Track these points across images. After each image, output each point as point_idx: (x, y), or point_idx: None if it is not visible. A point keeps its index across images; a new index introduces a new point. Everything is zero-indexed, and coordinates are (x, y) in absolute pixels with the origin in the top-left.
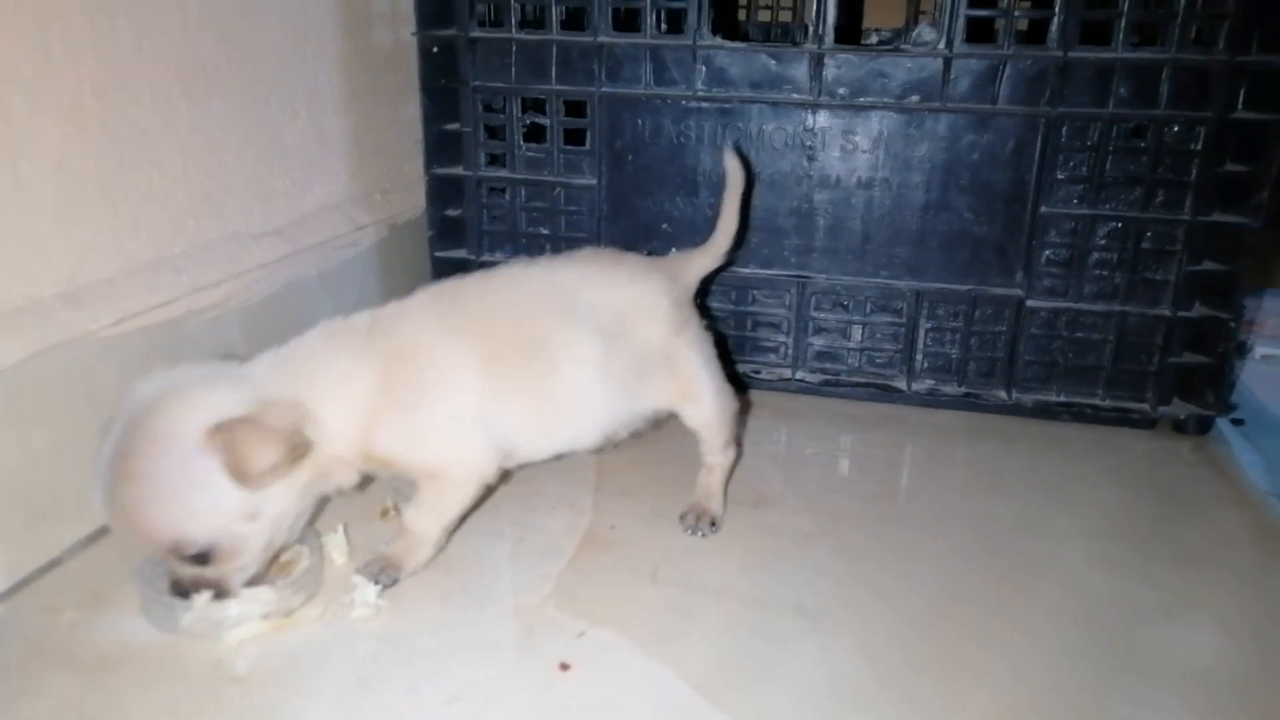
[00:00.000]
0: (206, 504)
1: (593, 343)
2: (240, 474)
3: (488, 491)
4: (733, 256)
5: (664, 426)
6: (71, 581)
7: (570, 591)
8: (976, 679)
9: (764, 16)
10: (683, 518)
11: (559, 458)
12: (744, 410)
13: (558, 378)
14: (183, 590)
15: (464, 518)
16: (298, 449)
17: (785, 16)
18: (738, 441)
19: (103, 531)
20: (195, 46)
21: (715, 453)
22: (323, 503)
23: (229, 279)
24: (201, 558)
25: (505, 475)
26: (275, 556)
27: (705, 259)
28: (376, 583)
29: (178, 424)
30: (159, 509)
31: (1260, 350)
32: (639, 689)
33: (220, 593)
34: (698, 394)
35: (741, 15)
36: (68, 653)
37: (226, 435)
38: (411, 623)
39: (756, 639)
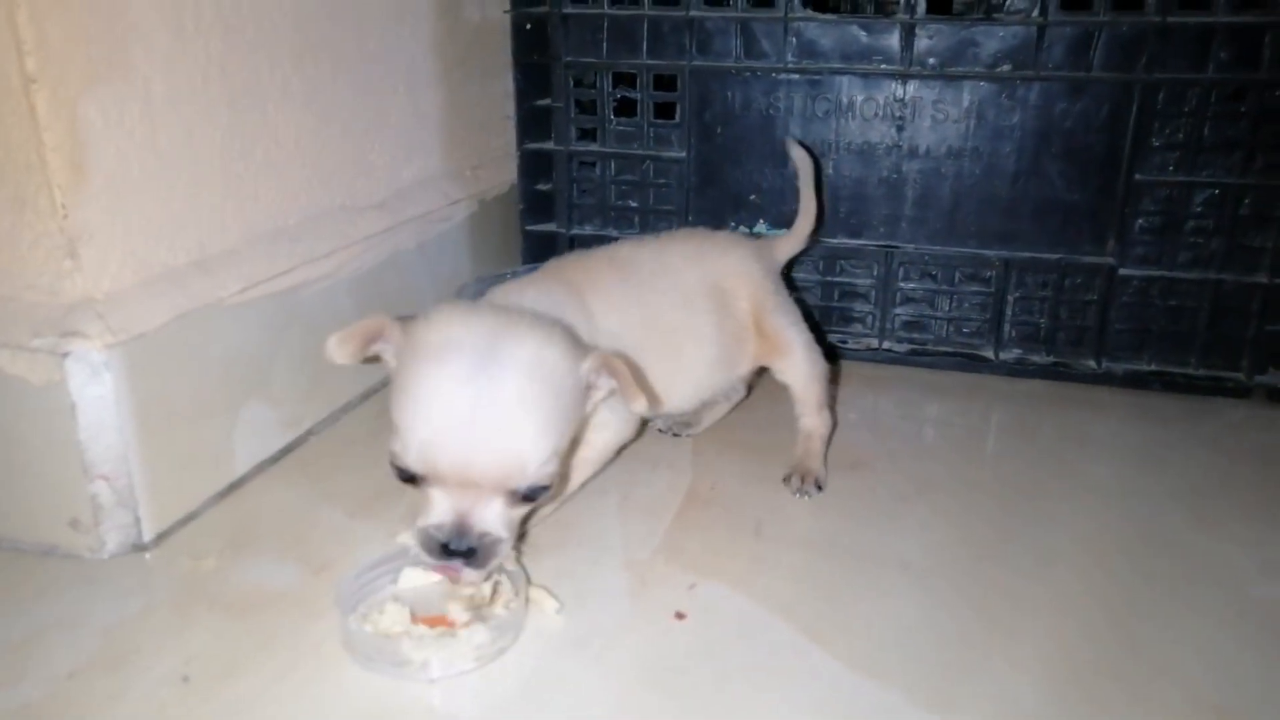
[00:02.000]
0: (570, 431)
1: (706, 322)
2: (634, 398)
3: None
4: (815, 239)
5: (755, 394)
6: (210, 532)
7: (678, 546)
8: (1080, 635)
9: None
10: (787, 480)
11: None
12: (834, 379)
13: (679, 352)
14: (474, 544)
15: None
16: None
17: None
18: (832, 410)
19: (234, 487)
20: (307, 25)
21: (811, 414)
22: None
23: (339, 249)
24: (532, 494)
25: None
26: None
27: (790, 243)
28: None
29: (566, 353)
30: (552, 432)
31: None
32: (752, 635)
33: (504, 540)
34: (788, 349)
35: None
36: (214, 595)
37: (616, 365)
38: (533, 572)
39: (861, 590)
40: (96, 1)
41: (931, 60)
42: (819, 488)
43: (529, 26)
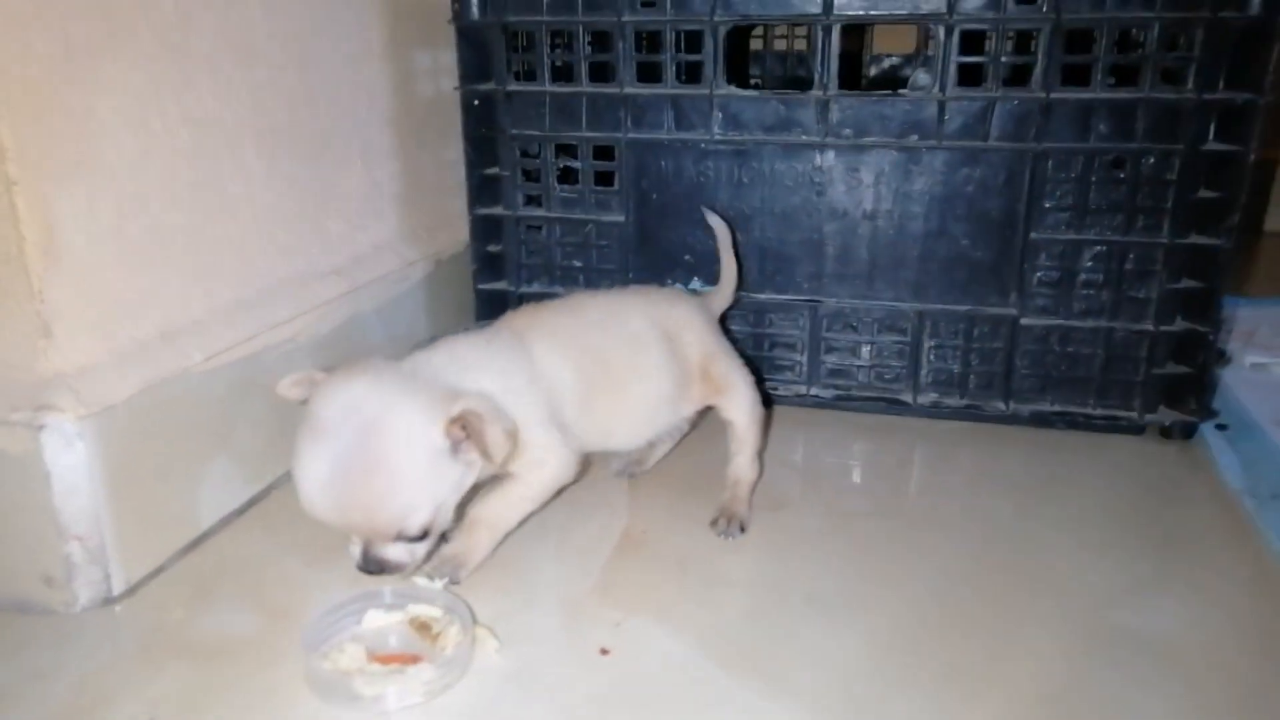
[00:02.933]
0: (440, 486)
1: (653, 363)
2: (488, 453)
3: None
4: (738, 296)
5: (691, 440)
6: (177, 583)
7: (609, 585)
8: (967, 654)
9: (756, 45)
10: (714, 523)
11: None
12: (765, 426)
13: (626, 392)
14: (379, 569)
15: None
16: (512, 433)
17: (780, 46)
18: (760, 457)
19: (199, 541)
20: (266, 110)
21: (744, 455)
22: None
23: (298, 315)
24: (419, 535)
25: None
26: (427, 626)
27: (720, 299)
28: (441, 580)
29: (418, 419)
30: (405, 496)
31: (1250, 359)
32: (671, 667)
33: (406, 564)
34: (734, 389)
35: (758, 44)
36: (180, 643)
37: (472, 423)
38: (476, 611)
39: (772, 624)
40: (70, 108)
41: (846, 131)
42: (742, 530)
43: (477, 102)
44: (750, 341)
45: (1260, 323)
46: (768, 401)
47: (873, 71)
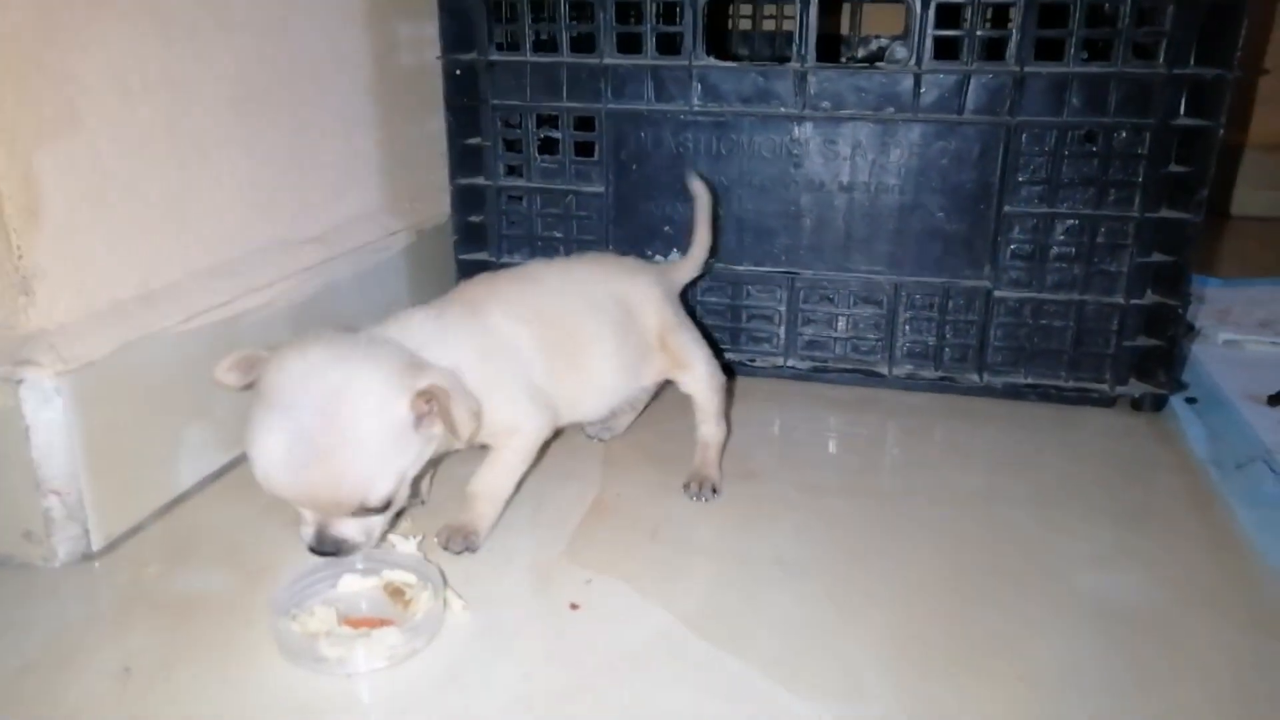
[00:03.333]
0: (403, 459)
1: (611, 332)
2: (454, 429)
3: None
4: (708, 266)
5: (662, 408)
6: (154, 543)
7: (580, 548)
8: (924, 619)
9: (745, 25)
10: (686, 486)
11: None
12: (736, 394)
13: (587, 360)
14: (334, 549)
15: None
16: (476, 412)
17: (769, 25)
18: (727, 419)
19: (177, 501)
20: (246, 77)
21: (710, 423)
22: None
23: (277, 281)
24: (379, 507)
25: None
26: (400, 592)
27: (687, 268)
28: (455, 552)
29: (384, 390)
30: (369, 467)
31: (1223, 335)
32: (636, 623)
33: (361, 543)
34: (690, 362)
35: (734, 24)
36: (156, 599)
37: (440, 399)
38: (449, 576)
39: (738, 585)
40: (49, 66)
41: (823, 103)
42: (715, 491)
43: (459, 72)
44: (728, 313)
45: (1234, 302)
46: (731, 372)
47: (860, 53)
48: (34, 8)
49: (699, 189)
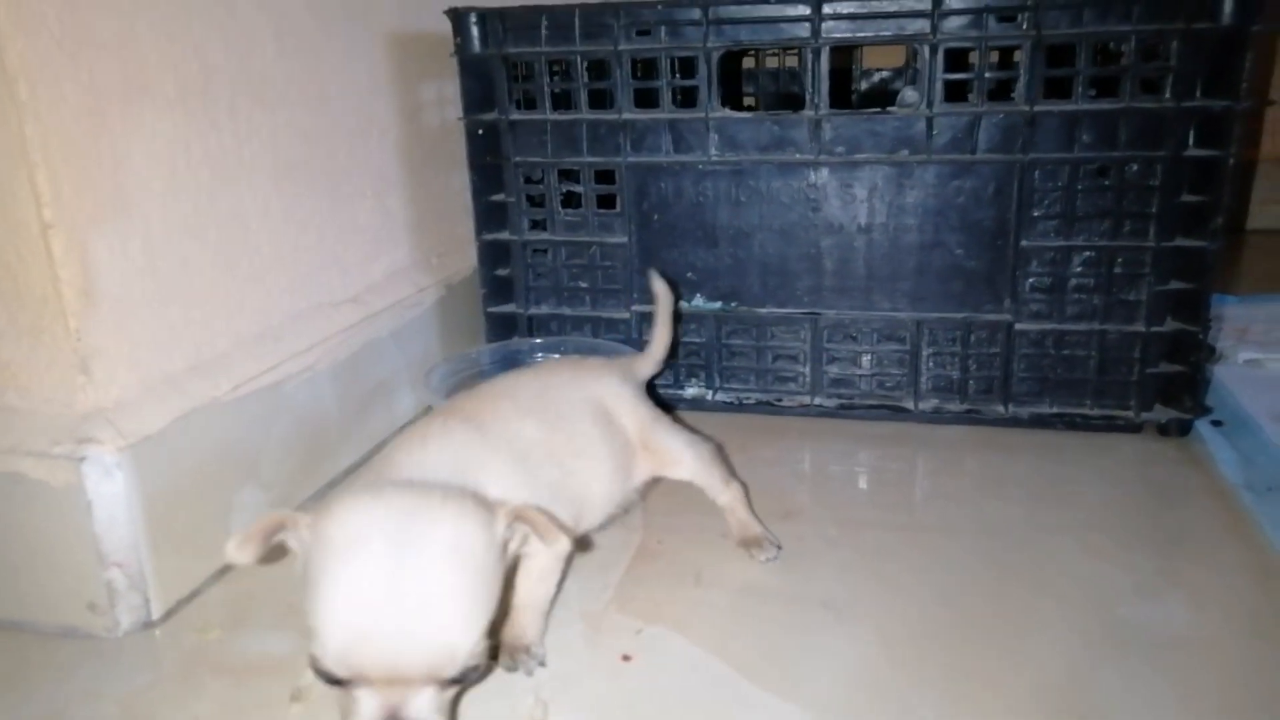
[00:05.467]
0: (496, 600)
1: (600, 435)
2: (554, 540)
3: None
4: (667, 364)
5: None
6: (212, 607)
7: (628, 596)
8: (977, 655)
9: (749, 64)
10: (750, 555)
11: None
12: (766, 432)
13: (584, 465)
14: None
15: None
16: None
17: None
18: (735, 474)
19: (227, 568)
20: (284, 148)
21: (722, 492)
22: None
23: (317, 344)
24: (463, 677)
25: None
26: None
27: (647, 364)
28: (527, 671)
29: (480, 525)
30: (472, 617)
31: (1244, 355)
32: (690, 673)
33: None
34: (677, 457)
35: (750, 63)
36: (218, 663)
37: (528, 514)
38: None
39: (788, 629)
40: (101, 154)
41: (839, 148)
42: (777, 547)
43: (481, 131)
44: (754, 354)
45: (1252, 320)
46: (668, 406)
47: (863, 85)
48: (87, 97)
49: (660, 288)
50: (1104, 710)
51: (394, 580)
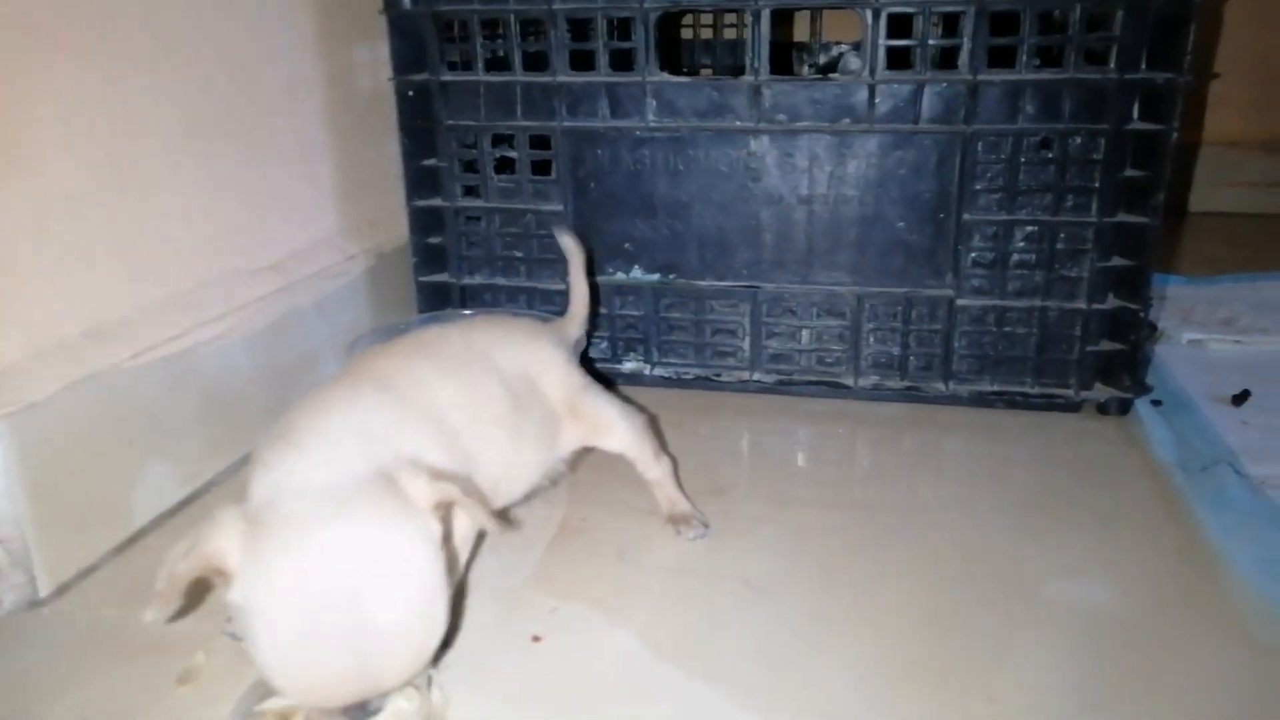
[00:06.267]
0: (446, 602)
1: (524, 402)
2: (485, 521)
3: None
4: (592, 324)
5: None
6: (108, 584)
7: (546, 574)
8: (896, 634)
9: (707, 35)
10: (677, 532)
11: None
12: (704, 409)
13: (505, 433)
14: (364, 715)
15: None
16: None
17: (730, 34)
18: (666, 449)
19: (132, 540)
20: (196, 106)
21: (652, 466)
22: None
23: (232, 311)
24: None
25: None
26: None
27: (572, 325)
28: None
29: (411, 540)
30: (437, 630)
31: (1187, 335)
32: (601, 653)
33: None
34: (609, 425)
35: (695, 34)
36: (111, 642)
37: (458, 500)
38: None
39: (708, 608)
40: None
41: (780, 116)
42: (705, 526)
43: (411, 93)
44: (692, 328)
45: (1197, 301)
46: (609, 381)
47: (821, 59)
48: None
49: (568, 243)
50: (1020, 687)
51: (344, 634)
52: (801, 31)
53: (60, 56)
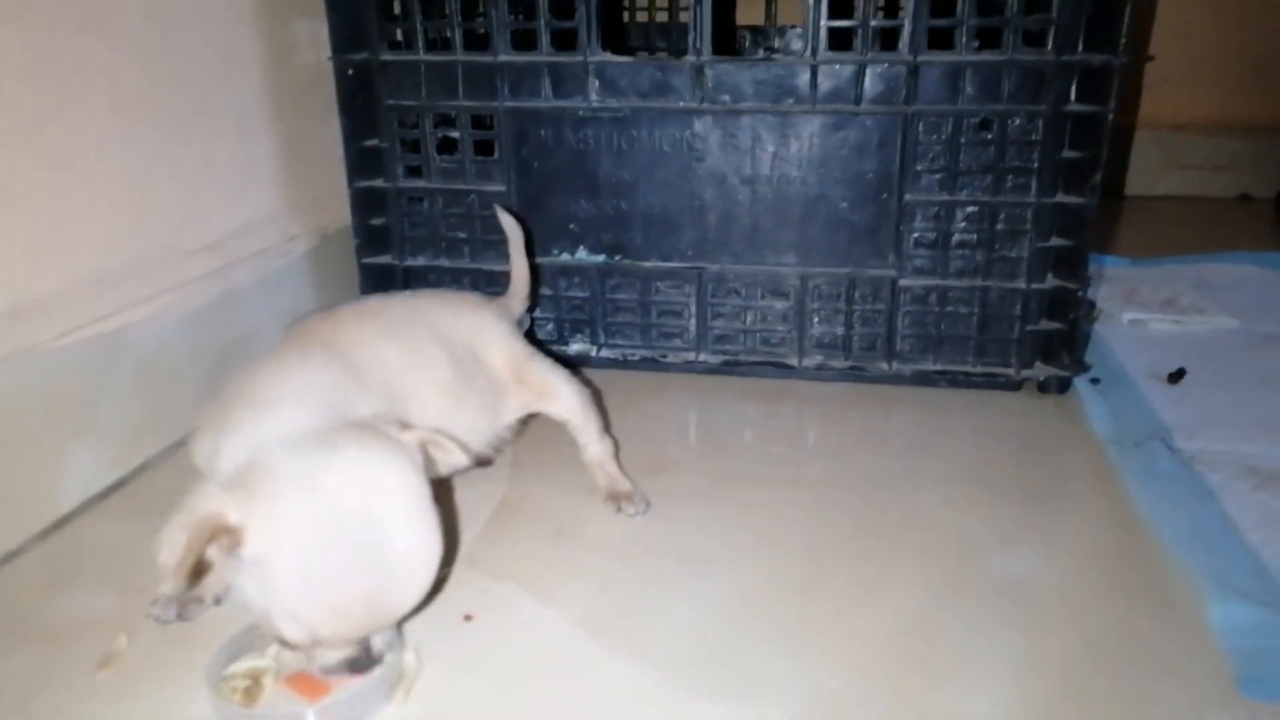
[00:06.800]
0: (441, 533)
1: (468, 369)
2: (456, 455)
3: None
4: (534, 300)
5: None
6: (30, 569)
7: (482, 552)
8: (831, 610)
9: (642, 18)
10: (617, 509)
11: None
12: (650, 390)
13: (447, 399)
14: (378, 658)
15: None
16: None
17: (662, 17)
18: (609, 431)
19: (58, 525)
20: (124, 75)
21: (595, 442)
22: None
23: (167, 290)
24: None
25: None
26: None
27: (515, 302)
28: None
29: (406, 471)
30: (434, 559)
31: (1129, 315)
32: (530, 630)
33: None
34: (555, 390)
35: (632, 17)
36: (27, 627)
37: (432, 440)
38: None
39: (641, 584)
40: None
41: (723, 97)
42: (645, 503)
43: (351, 72)
44: (638, 310)
45: (1141, 282)
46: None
47: (777, 43)
48: None
49: (507, 221)
50: (948, 657)
51: (367, 556)
52: (756, 15)
53: None
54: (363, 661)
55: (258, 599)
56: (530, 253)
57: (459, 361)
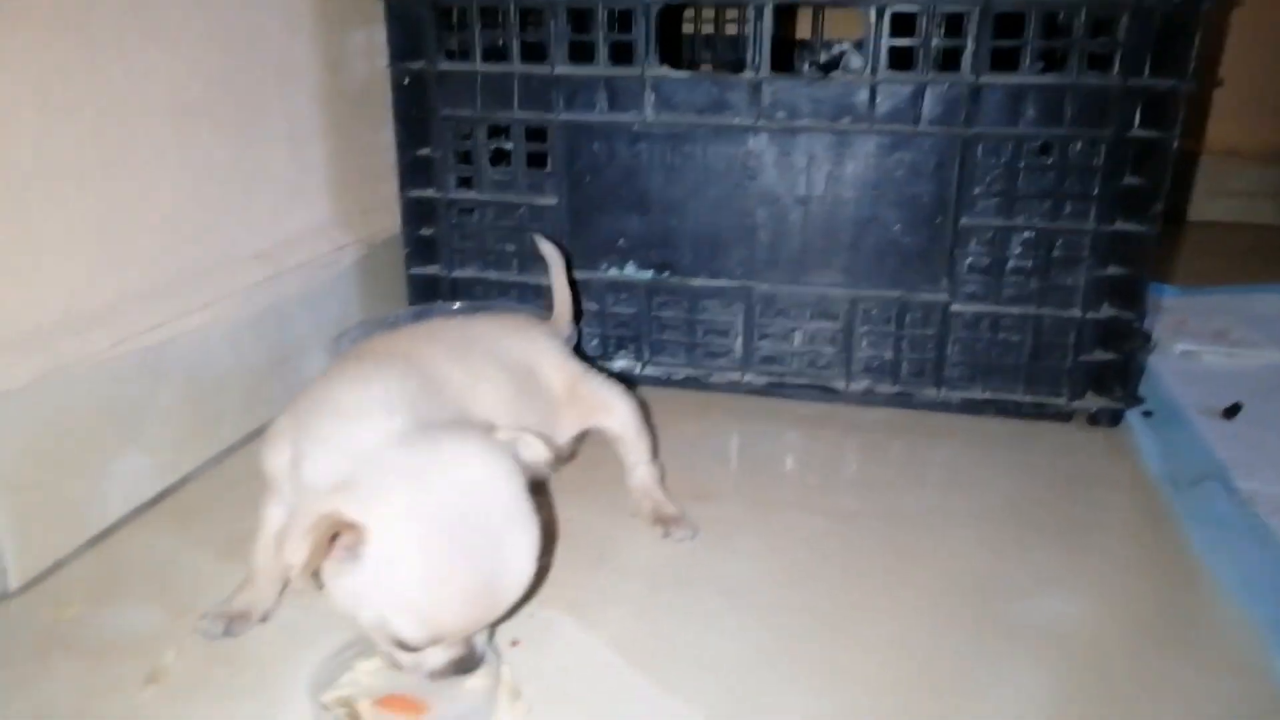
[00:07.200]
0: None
1: (525, 388)
2: (560, 455)
3: None
4: (577, 325)
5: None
6: (77, 579)
7: None
8: (864, 648)
9: (708, 30)
10: (665, 535)
11: None
12: (693, 410)
13: (509, 415)
14: (475, 663)
15: None
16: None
17: (732, 30)
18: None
19: (105, 534)
20: (183, 90)
21: (644, 464)
22: None
23: (216, 301)
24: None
25: None
26: None
27: (561, 325)
28: None
29: (510, 471)
30: (537, 556)
31: (1180, 346)
32: (574, 658)
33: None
34: (610, 404)
35: (697, 28)
36: (73, 641)
37: (528, 439)
38: None
39: (685, 617)
40: None
41: (779, 114)
42: (694, 530)
43: (407, 81)
44: (685, 328)
45: (1191, 311)
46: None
47: (823, 57)
48: None
49: (547, 249)
50: (990, 704)
51: (483, 547)
52: (804, 29)
53: (33, 30)
54: (469, 661)
55: (371, 601)
56: (571, 268)
57: (518, 381)
